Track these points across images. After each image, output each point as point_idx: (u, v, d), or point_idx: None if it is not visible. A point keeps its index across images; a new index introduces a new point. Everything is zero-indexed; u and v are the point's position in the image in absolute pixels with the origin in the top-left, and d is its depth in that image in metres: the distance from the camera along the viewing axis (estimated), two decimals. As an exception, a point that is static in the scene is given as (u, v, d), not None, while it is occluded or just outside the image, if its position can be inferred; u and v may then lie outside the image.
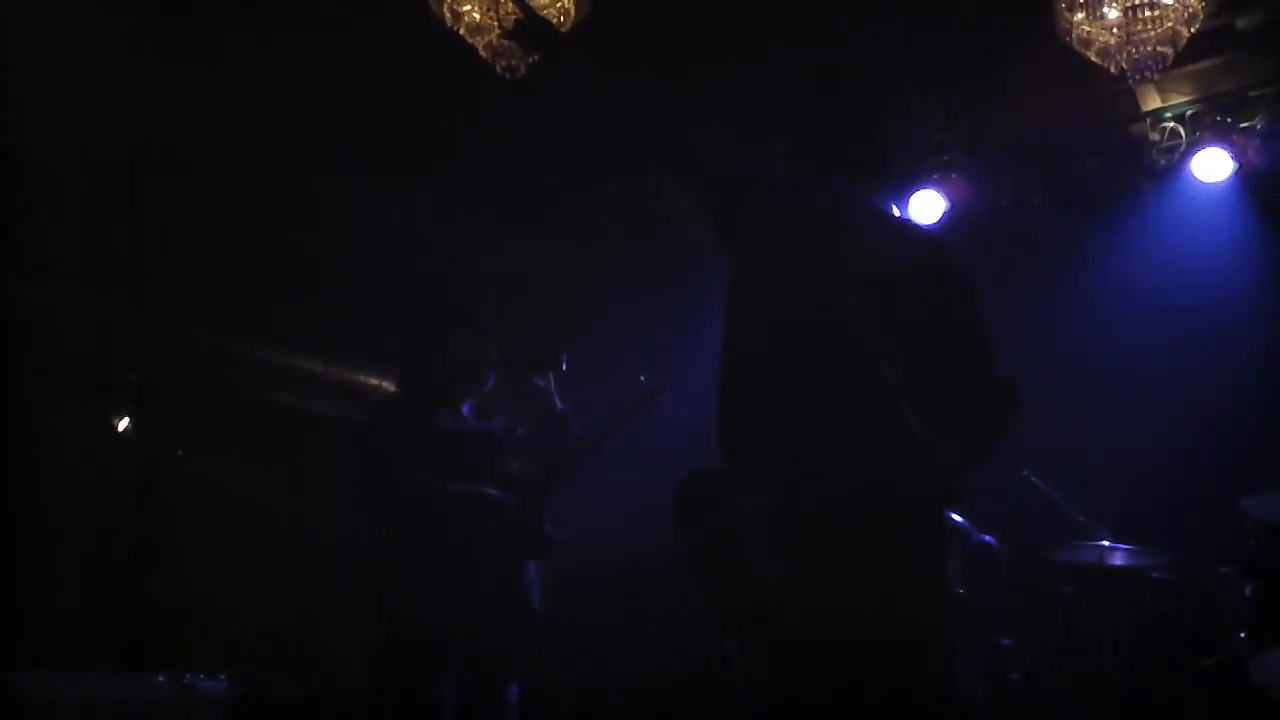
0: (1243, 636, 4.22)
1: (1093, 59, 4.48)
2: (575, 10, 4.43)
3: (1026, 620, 5.23)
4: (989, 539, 5.06)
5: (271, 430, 6.85)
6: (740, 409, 2.47)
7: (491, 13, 4.40)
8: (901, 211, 5.84)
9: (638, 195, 6.21)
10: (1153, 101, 5.70)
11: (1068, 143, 5.95)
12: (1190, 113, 5.61)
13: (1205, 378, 5.28)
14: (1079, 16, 4.41)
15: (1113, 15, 4.37)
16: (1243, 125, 5.45)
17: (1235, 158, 5.43)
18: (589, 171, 6.04)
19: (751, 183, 2.67)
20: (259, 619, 6.48)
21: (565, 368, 4.12)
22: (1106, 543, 4.92)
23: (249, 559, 6.58)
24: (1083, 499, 5.06)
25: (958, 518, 4.91)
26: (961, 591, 4.84)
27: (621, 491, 5.12)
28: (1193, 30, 4.37)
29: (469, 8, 4.42)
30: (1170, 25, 4.33)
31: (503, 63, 4.50)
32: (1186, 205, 5.66)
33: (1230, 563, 4.56)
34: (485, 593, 3.88)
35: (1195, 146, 5.52)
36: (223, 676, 4.60)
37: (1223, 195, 5.58)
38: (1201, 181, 5.52)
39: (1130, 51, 4.39)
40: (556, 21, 4.35)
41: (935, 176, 6.06)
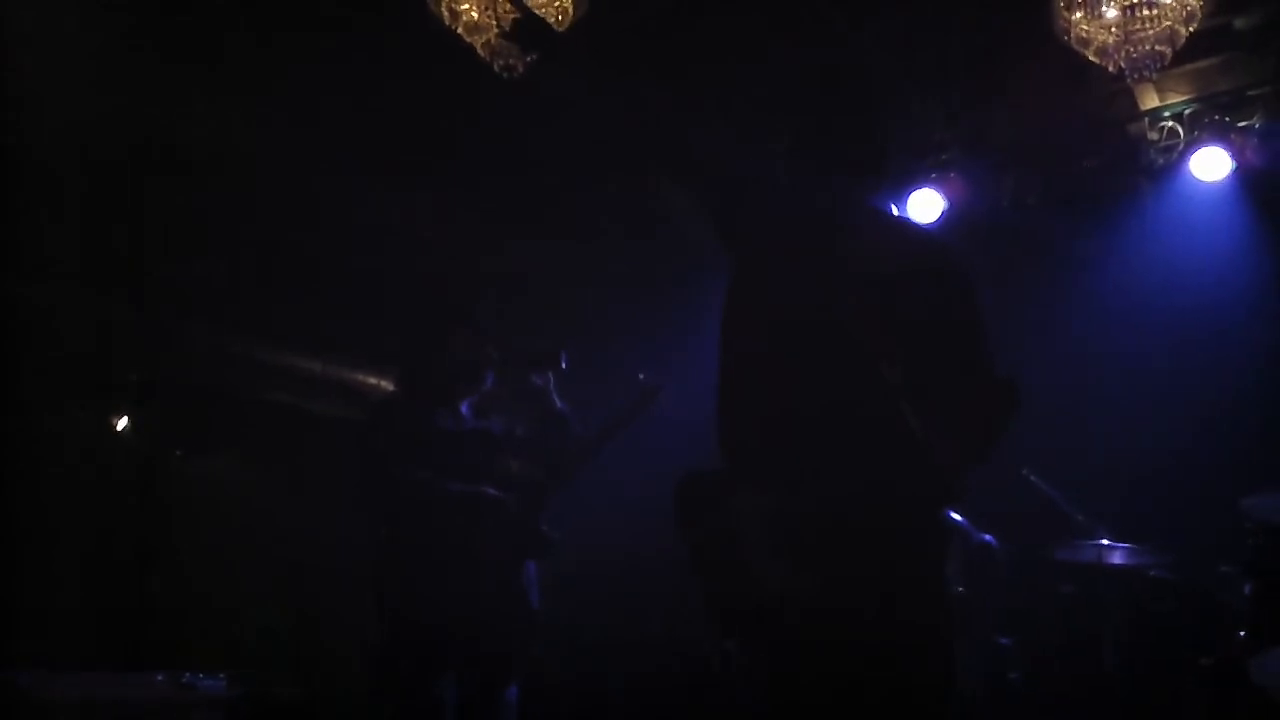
0: (1242, 636, 4.23)
1: (1091, 58, 4.48)
2: (574, 9, 4.43)
3: (1026, 620, 5.22)
4: (989, 538, 5.06)
5: (271, 430, 6.85)
6: (740, 409, 2.48)
7: (489, 12, 4.40)
8: (901, 211, 5.84)
9: (638, 195, 6.21)
10: (1151, 101, 5.70)
11: (1067, 142, 5.95)
12: (1188, 112, 5.62)
13: (1205, 377, 5.28)
14: (1077, 15, 4.42)
15: (1111, 14, 4.37)
16: (1241, 124, 5.46)
17: (1233, 157, 5.44)
18: (589, 171, 6.03)
19: (751, 183, 2.67)
20: (259, 619, 6.48)
21: (565, 367, 4.12)
22: (1106, 542, 4.92)
23: (249, 559, 6.58)
24: (1082, 499, 5.06)
25: (958, 517, 4.91)
26: (961, 591, 4.85)
27: (621, 491, 5.12)
28: (1191, 29, 4.37)
29: (467, 6, 4.43)
30: (1168, 24, 4.33)
31: (501, 62, 4.50)
32: (1185, 204, 5.66)
33: (1230, 562, 4.56)
34: (485, 593, 3.88)
35: (1193, 146, 5.52)
36: (223, 676, 4.60)
37: (1221, 194, 5.58)
38: (1200, 181, 5.53)
39: (1128, 50, 4.39)
40: (555, 20, 4.36)
41: (934, 176, 6.06)
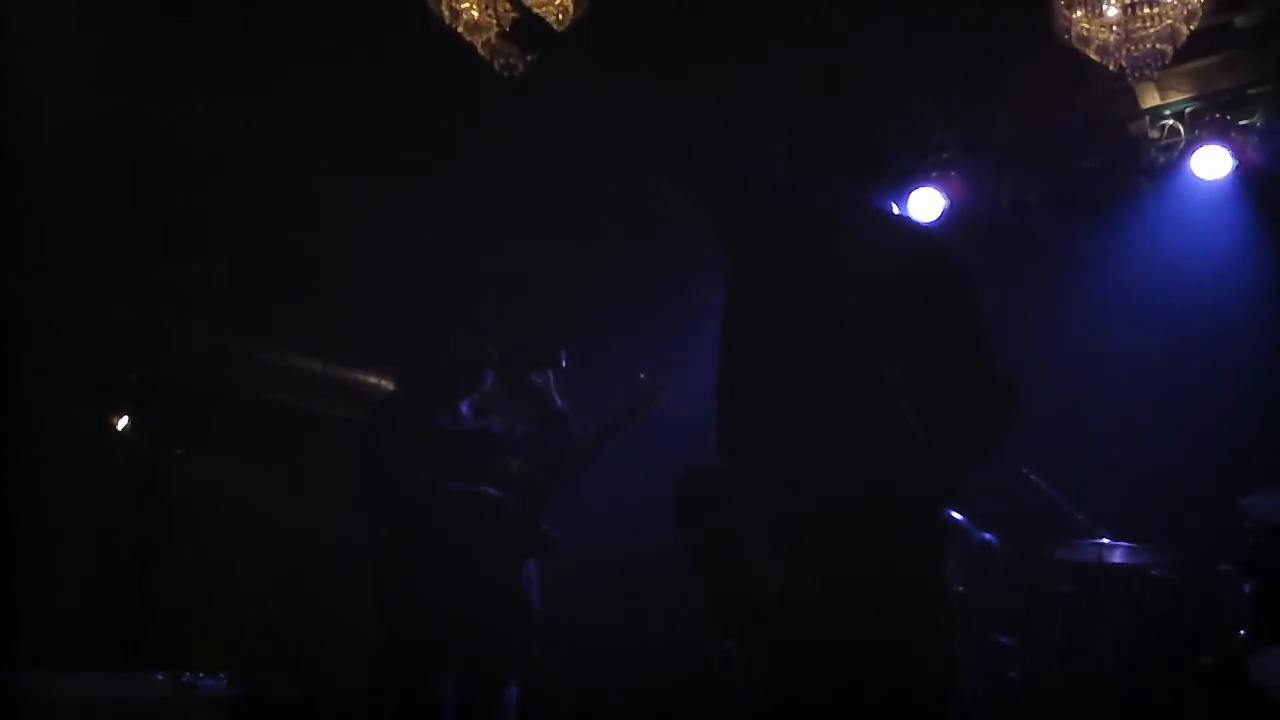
0: (1242, 636, 4.23)
1: (1091, 56, 4.48)
2: (574, 8, 4.43)
3: (1026, 619, 5.22)
4: (989, 538, 5.06)
5: (271, 430, 6.84)
6: (740, 409, 2.47)
7: (490, 10, 4.40)
8: (901, 210, 5.83)
9: (638, 195, 6.21)
10: (1152, 99, 5.70)
11: (1067, 142, 5.95)
12: (1189, 110, 5.62)
13: (1205, 377, 5.28)
14: (1078, 14, 4.42)
15: (1112, 13, 4.37)
16: (1242, 123, 5.46)
17: (1234, 155, 5.44)
18: (589, 171, 6.03)
19: (751, 183, 2.67)
20: (259, 619, 6.47)
21: (565, 366, 4.11)
22: (1106, 542, 4.92)
23: (249, 559, 6.57)
24: (1082, 498, 5.06)
25: (958, 517, 4.91)
26: (961, 590, 4.85)
27: (621, 491, 5.12)
28: (1191, 28, 4.37)
29: (467, 5, 4.43)
30: (1169, 23, 4.33)
31: (501, 61, 4.50)
32: (1185, 203, 5.66)
33: (1230, 562, 4.56)
34: (485, 593, 3.88)
35: (1194, 144, 5.52)
36: (223, 676, 4.60)
37: (1222, 193, 5.58)
38: (1201, 179, 5.53)
39: (1129, 49, 4.39)
40: (555, 20, 4.36)
41: (934, 176, 6.06)
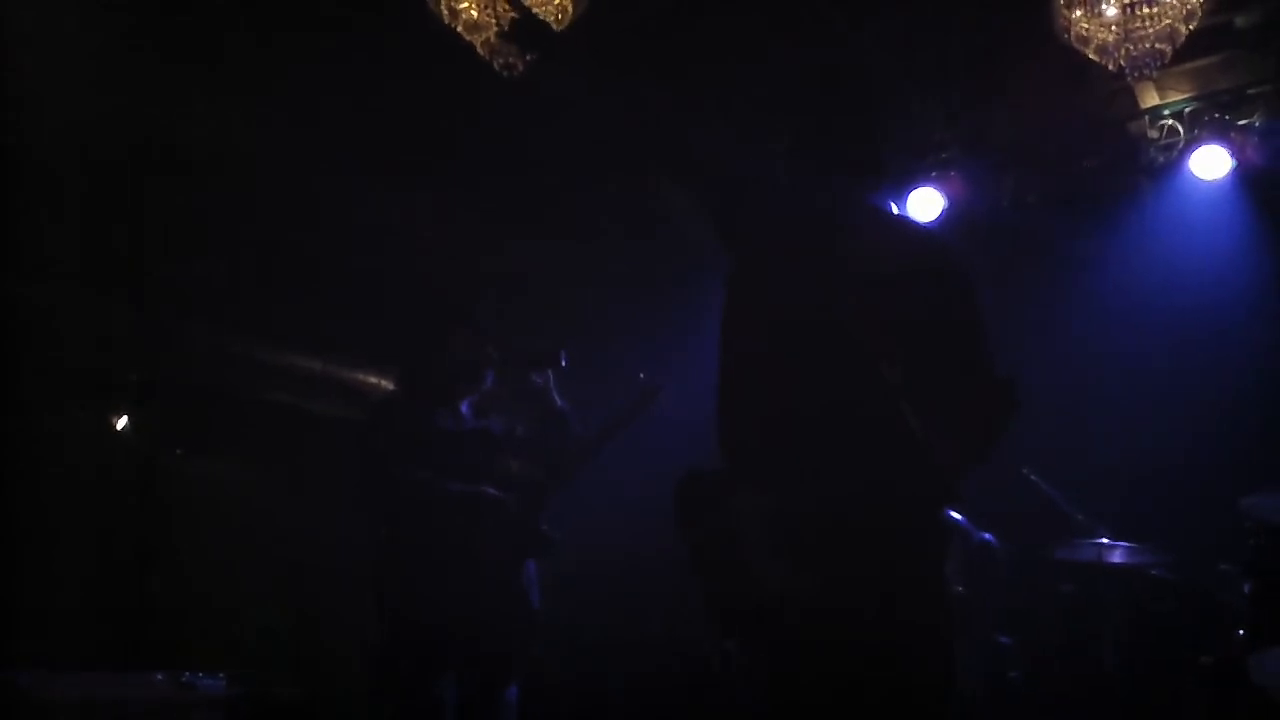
0: (1242, 635, 4.23)
1: (1091, 56, 4.48)
2: (574, 8, 4.43)
3: (1026, 619, 5.22)
4: (989, 538, 5.06)
5: (271, 430, 6.84)
6: (740, 409, 2.48)
7: (489, 10, 4.40)
8: (901, 210, 5.83)
9: (638, 195, 6.21)
10: (1151, 99, 5.70)
11: (1067, 142, 5.95)
12: (1189, 110, 5.62)
13: (1205, 377, 5.28)
14: (1077, 14, 4.41)
15: (1111, 12, 4.37)
16: (1241, 123, 5.46)
17: (1234, 155, 5.44)
18: (589, 171, 6.03)
19: (751, 183, 2.67)
20: (259, 619, 6.47)
21: (565, 366, 4.11)
22: (1106, 542, 4.91)
23: (249, 559, 6.57)
24: (1082, 498, 5.06)
25: (958, 517, 4.91)
26: (961, 590, 4.85)
27: (621, 491, 5.12)
28: (1191, 27, 4.37)
29: (466, 5, 4.42)
30: (1168, 22, 4.33)
31: (501, 61, 4.50)
32: (1185, 203, 5.65)
33: (1230, 562, 4.56)
34: (485, 593, 3.88)
35: (1194, 144, 5.52)
36: (223, 676, 4.60)
37: (1221, 193, 5.58)
38: (1200, 179, 5.52)
39: (1128, 49, 4.39)
40: (555, 20, 4.36)
41: (934, 175, 6.06)
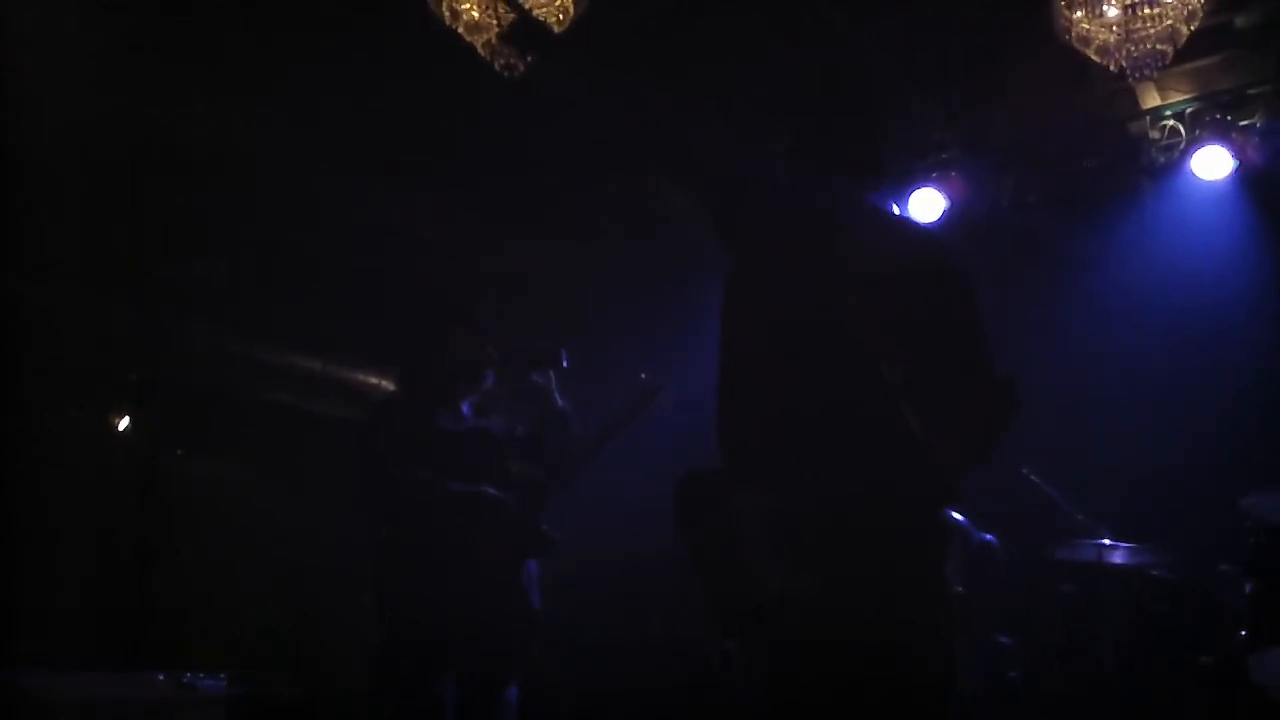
0: (1242, 636, 4.23)
1: (1092, 57, 4.48)
2: (574, 8, 4.43)
3: (1026, 619, 5.22)
4: (989, 538, 5.06)
5: (271, 430, 6.84)
6: (740, 409, 2.48)
7: (490, 11, 4.40)
8: (901, 211, 5.83)
9: (638, 195, 6.21)
10: (1152, 100, 5.70)
11: (1067, 142, 5.95)
12: (1190, 110, 5.62)
13: (1205, 377, 5.28)
14: (1078, 14, 4.42)
15: (1112, 13, 4.37)
16: (1242, 123, 5.46)
17: (1235, 155, 5.44)
18: (589, 171, 6.03)
19: (751, 183, 2.67)
20: (259, 619, 6.48)
21: (565, 366, 4.11)
22: (1106, 542, 4.92)
23: (249, 559, 6.57)
24: (1082, 499, 5.06)
25: (958, 517, 4.91)
26: (961, 591, 4.85)
27: (621, 491, 5.12)
28: (1192, 28, 4.37)
29: (467, 6, 4.43)
30: (1169, 23, 4.33)
31: (501, 62, 4.50)
32: (1186, 203, 5.65)
33: (1230, 562, 4.56)
34: (485, 593, 3.87)
35: (1195, 144, 5.52)
36: (223, 676, 4.60)
37: (1222, 193, 5.58)
38: (1201, 179, 5.52)
39: (1129, 49, 4.39)
40: (555, 21, 4.36)
41: (934, 176, 6.06)
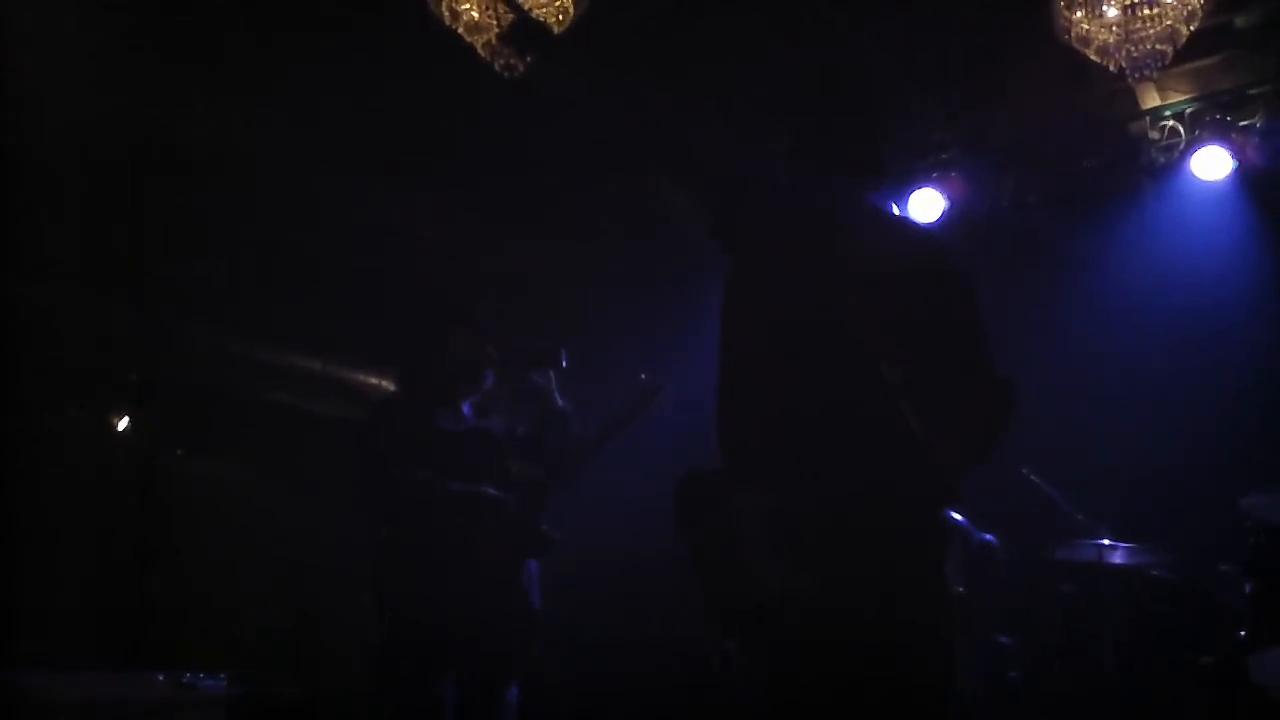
0: (1242, 636, 4.23)
1: (1091, 57, 4.48)
2: (574, 8, 4.43)
3: (1026, 619, 5.22)
4: (989, 538, 5.06)
5: (271, 430, 6.84)
6: (740, 409, 2.48)
7: (490, 11, 4.40)
8: (901, 211, 5.84)
9: (638, 195, 6.21)
10: (1152, 100, 5.70)
11: (1067, 142, 5.95)
12: (1189, 111, 5.62)
13: (1205, 377, 5.28)
14: (1078, 14, 4.42)
15: (1112, 13, 4.37)
16: (1242, 123, 5.46)
17: (1234, 156, 5.44)
18: (589, 171, 6.03)
19: (751, 183, 2.67)
20: (259, 619, 6.48)
21: (565, 366, 4.11)
22: (1106, 542, 4.92)
23: (249, 559, 6.57)
24: (1082, 499, 5.06)
25: (958, 517, 4.91)
26: (961, 591, 4.85)
27: (621, 491, 5.12)
28: (1192, 28, 4.37)
29: (467, 6, 4.43)
30: (1169, 23, 4.33)
31: (501, 62, 4.50)
32: (1186, 203, 5.65)
33: (1230, 562, 4.56)
34: (485, 593, 3.87)
35: (1194, 145, 5.52)
36: (223, 676, 4.60)
37: (1222, 193, 5.58)
38: (1201, 180, 5.52)
39: (1129, 49, 4.39)
40: (555, 21, 4.36)
41: (934, 176, 6.06)
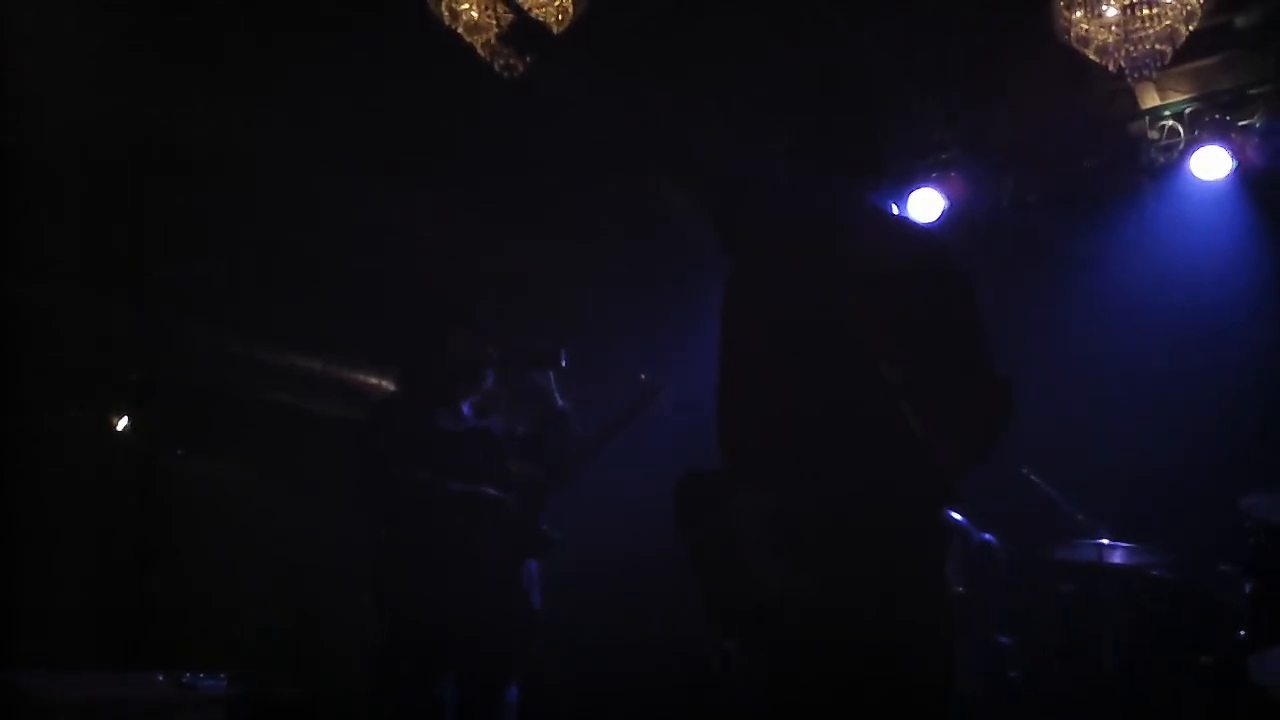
0: (1242, 636, 4.23)
1: (1091, 57, 4.48)
2: (574, 8, 4.43)
3: (1026, 619, 5.22)
4: (989, 538, 5.06)
5: (271, 430, 6.84)
6: (740, 409, 2.48)
7: (489, 11, 4.40)
8: (901, 211, 5.84)
9: (638, 195, 6.21)
10: (1151, 100, 5.70)
11: (1067, 142, 5.95)
12: (1189, 111, 5.62)
13: (1205, 377, 5.28)
14: (1078, 14, 4.42)
15: (1111, 13, 4.38)
16: (1241, 123, 5.46)
17: (1234, 156, 5.44)
18: (589, 171, 6.03)
19: (751, 183, 2.67)
20: (259, 619, 6.48)
21: (565, 366, 4.11)
22: (1106, 542, 4.92)
23: (249, 559, 6.57)
24: (1083, 498, 5.06)
25: (958, 517, 4.91)
26: (961, 591, 4.85)
27: (621, 491, 5.12)
28: (1191, 28, 4.37)
29: (467, 6, 4.43)
30: (1169, 23, 4.33)
31: (501, 62, 4.51)
32: (1185, 203, 5.65)
33: (1230, 562, 4.56)
34: (485, 593, 3.87)
35: (1194, 145, 5.52)
36: (223, 676, 4.60)
37: (1222, 194, 5.58)
38: (1200, 180, 5.52)
39: (1129, 49, 4.39)
40: (555, 21, 4.36)
41: (934, 176, 6.06)
